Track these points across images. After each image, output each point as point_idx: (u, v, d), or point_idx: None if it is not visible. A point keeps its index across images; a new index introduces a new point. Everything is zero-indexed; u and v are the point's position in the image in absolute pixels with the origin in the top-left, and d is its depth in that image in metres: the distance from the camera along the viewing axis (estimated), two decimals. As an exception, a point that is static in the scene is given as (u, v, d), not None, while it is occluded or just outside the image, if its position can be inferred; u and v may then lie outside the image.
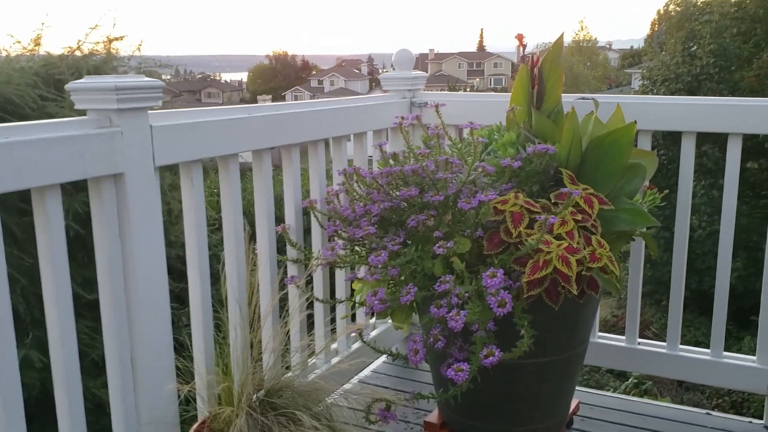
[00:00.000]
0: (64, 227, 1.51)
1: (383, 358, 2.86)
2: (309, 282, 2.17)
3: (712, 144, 12.04)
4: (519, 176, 1.91)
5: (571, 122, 1.90)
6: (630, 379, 7.62)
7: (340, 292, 2.35)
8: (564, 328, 1.97)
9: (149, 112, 1.63)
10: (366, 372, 2.66)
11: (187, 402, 1.86)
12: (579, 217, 1.82)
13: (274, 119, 2.00)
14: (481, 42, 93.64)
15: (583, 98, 2.26)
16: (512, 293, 1.73)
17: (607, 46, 71.69)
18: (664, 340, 2.44)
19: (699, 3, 16.67)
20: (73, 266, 5.01)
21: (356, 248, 2.04)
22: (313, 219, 2.18)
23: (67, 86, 1.55)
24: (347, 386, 2.36)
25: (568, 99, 2.18)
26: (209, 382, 1.71)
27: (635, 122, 1.88)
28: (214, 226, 5.80)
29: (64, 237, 1.51)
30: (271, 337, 1.80)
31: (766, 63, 14.28)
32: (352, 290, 2.33)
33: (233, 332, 1.74)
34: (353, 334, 2.55)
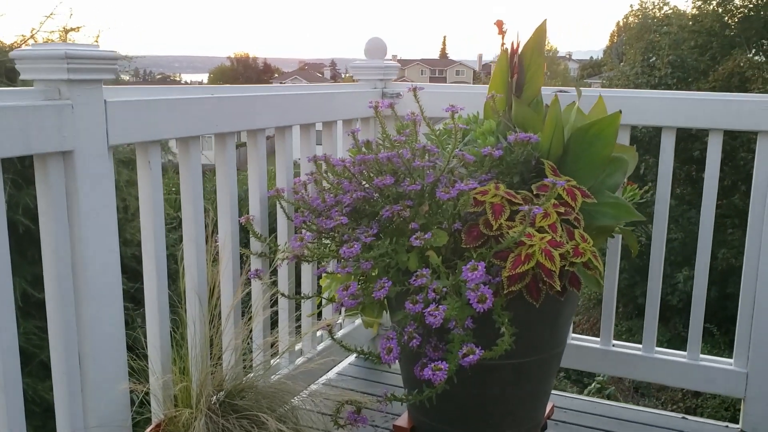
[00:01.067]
0: (3, 209, 1.35)
1: (350, 359, 2.74)
2: (274, 277, 2.04)
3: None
4: (499, 167, 1.82)
5: (554, 111, 1.82)
6: (593, 384, 7.61)
7: (306, 289, 2.23)
8: (544, 327, 1.88)
9: (103, 86, 1.49)
10: (332, 374, 2.54)
11: (142, 405, 1.72)
12: (561, 209, 1.73)
13: (239, 101, 1.87)
14: (443, 49, 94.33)
15: (561, 91, 2.18)
16: (491, 288, 1.64)
17: (567, 56, 72.89)
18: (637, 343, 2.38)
19: (658, 15, 16.99)
20: (23, 263, 4.76)
21: (325, 241, 1.92)
22: (279, 210, 2.06)
23: (13, 53, 1.41)
24: (313, 387, 2.23)
25: (546, 92, 2.09)
26: (165, 382, 1.57)
27: (620, 112, 1.80)
28: (172, 225, 5.61)
29: (4, 217, 1.36)
30: (233, 334, 1.67)
31: (722, 76, 14.63)
32: (319, 287, 2.21)
33: (192, 328, 1.60)
34: (319, 334, 2.43)
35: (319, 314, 2.46)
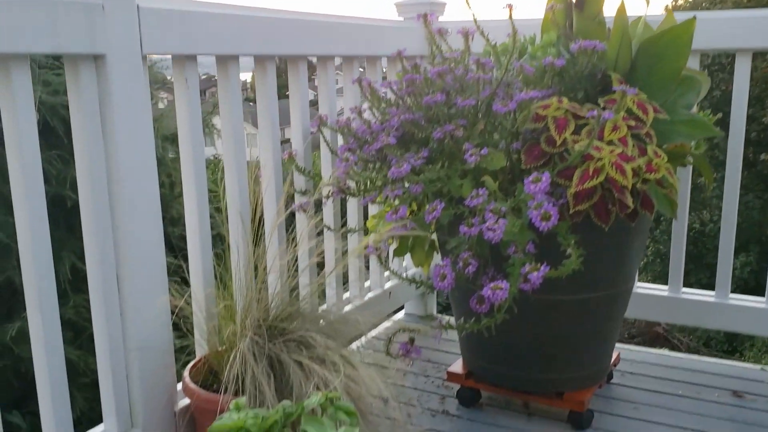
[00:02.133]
0: (34, 110, 1.27)
1: (399, 315, 2.63)
2: (319, 214, 1.93)
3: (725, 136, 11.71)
4: (561, 82, 1.67)
5: (621, 21, 1.67)
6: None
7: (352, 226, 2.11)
8: (612, 259, 1.73)
9: (137, -6, 1.40)
10: (378, 330, 2.42)
11: (183, 336, 1.64)
12: (632, 123, 1.58)
13: (284, 23, 1.76)
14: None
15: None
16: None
17: None
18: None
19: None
20: (72, 238, 4.76)
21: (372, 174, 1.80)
22: (322, 144, 1.95)
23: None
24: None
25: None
26: (208, 296, 1.47)
27: (694, 18, 1.64)
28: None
29: (34, 121, 1.27)
30: (277, 256, 1.56)
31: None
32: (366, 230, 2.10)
33: (235, 250, 1.50)
34: (367, 284, 2.32)
35: (367, 266, 2.35)
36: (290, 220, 1.87)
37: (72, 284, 4.84)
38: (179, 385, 1.59)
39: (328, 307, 1.73)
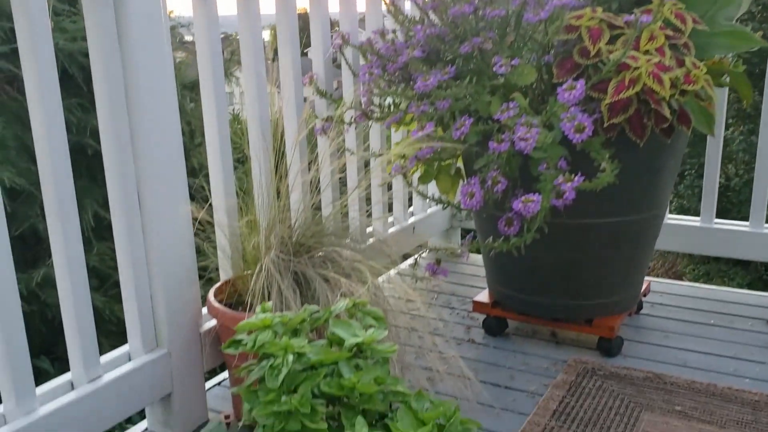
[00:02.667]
0: (53, 52, 1.21)
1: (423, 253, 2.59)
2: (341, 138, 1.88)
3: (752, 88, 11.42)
4: (594, -7, 1.59)
5: (658, -74, 1.57)
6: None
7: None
8: (644, 179, 1.67)
9: None
10: (400, 268, 2.39)
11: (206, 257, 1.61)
12: (669, 32, 1.51)
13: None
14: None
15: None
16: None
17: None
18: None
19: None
20: (94, 186, 4.77)
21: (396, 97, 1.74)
22: (344, 65, 1.89)
23: None
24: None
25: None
26: (229, 208, 1.44)
27: None
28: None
29: (54, 64, 1.21)
30: (299, 174, 1.52)
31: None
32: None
33: (257, 167, 1.46)
34: (390, 219, 2.28)
35: (391, 207, 2.30)
36: (312, 150, 1.83)
37: (95, 232, 4.86)
38: (204, 310, 1.58)
39: (352, 233, 1.70)
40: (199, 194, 1.56)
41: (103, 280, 4.86)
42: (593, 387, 1.67)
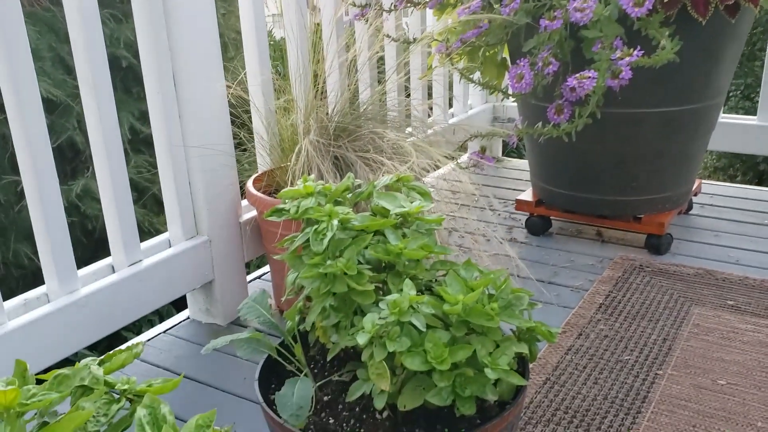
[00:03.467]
0: None
1: (462, 158, 2.53)
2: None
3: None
4: None
5: None
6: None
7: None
8: (703, 64, 1.57)
9: None
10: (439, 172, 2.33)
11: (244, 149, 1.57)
12: None
13: None
14: None
15: None
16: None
17: None
18: None
19: None
20: (129, 99, 4.73)
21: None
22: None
23: None
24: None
25: None
26: (265, 83, 1.38)
27: None
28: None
29: None
30: (336, 54, 1.45)
31: None
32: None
33: (292, 44, 1.39)
34: (430, 119, 2.21)
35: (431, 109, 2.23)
36: (350, 36, 1.75)
37: (131, 144, 4.88)
38: (244, 202, 1.55)
39: (392, 119, 1.63)
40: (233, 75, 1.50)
41: (141, 193, 4.90)
42: (641, 282, 1.62)
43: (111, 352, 0.67)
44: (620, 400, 1.23)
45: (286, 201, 0.95)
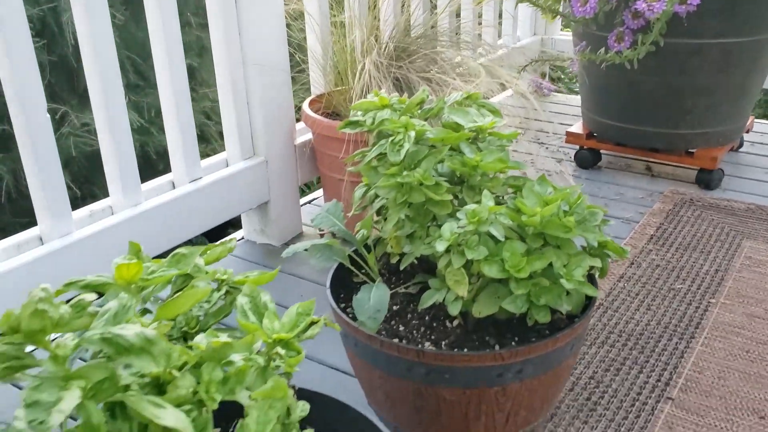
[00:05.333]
0: None
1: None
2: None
3: None
4: None
5: None
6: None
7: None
8: (772, -9, 1.53)
9: None
10: (498, 98, 2.31)
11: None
12: None
13: None
14: None
15: None
16: None
17: None
18: None
19: None
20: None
21: None
22: None
23: None
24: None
25: None
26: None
27: None
28: None
29: None
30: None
31: None
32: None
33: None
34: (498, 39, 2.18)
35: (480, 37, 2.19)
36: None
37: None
38: (298, 125, 1.56)
39: (449, 40, 1.62)
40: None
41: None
42: (692, 216, 1.62)
43: (205, 246, 0.69)
44: (673, 326, 1.24)
45: (358, 114, 0.95)
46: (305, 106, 1.50)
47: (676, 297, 1.33)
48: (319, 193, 1.75)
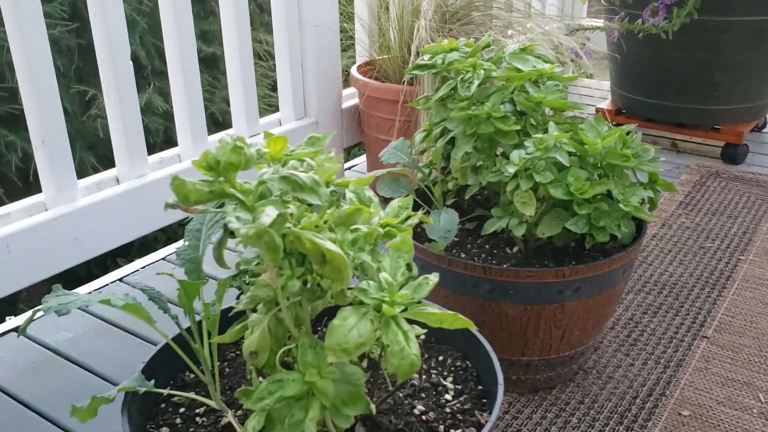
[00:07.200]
0: None
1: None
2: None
3: None
4: None
5: None
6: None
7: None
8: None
9: None
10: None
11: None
12: None
13: None
14: None
15: None
16: None
17: None
18: None
19: None
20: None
21: None
22: None
23: None
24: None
25: None
26: None
27: None
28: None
29: None
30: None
31: None
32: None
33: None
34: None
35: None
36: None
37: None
38: (346, 92, 1.64)
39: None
40: None
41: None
42: (718, 186, 1.69)
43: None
44: (705, 278, 1.32)
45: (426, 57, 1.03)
46: (353, 70, 1.58)
47: (706, 254, 1.40)
48: (359, 160, 1.83)
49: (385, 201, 0.79)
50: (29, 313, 0.63)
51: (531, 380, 1.01)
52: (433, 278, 0.55)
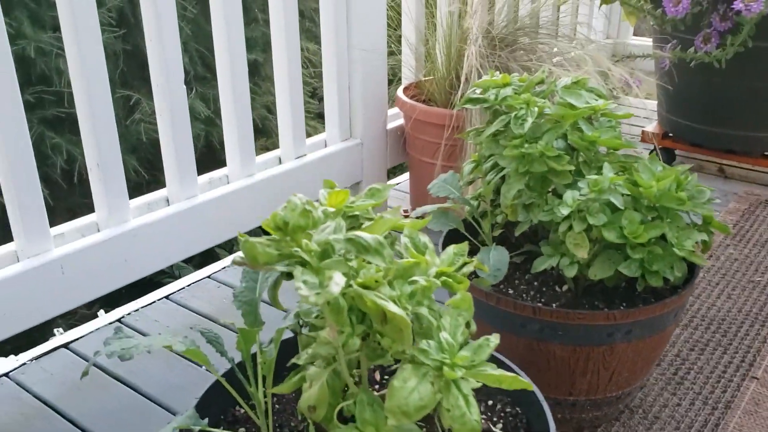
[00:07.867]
0: None
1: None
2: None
3: None
4: None
5: None
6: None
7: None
8: None
9: None
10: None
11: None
12: None
13: None
14: None
15: None
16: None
17: None
18: None
19: None
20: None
21: None
22: None
23: None
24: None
25: None
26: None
27: None
28: None
29: None
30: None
31: None
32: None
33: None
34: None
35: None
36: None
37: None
38: (390, 112, 1.64)
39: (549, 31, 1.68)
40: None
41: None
42: (768, 216, 1.66)
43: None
44: (755, 314, 1.29)
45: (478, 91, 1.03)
46: (399, 92, 1.58)
47: (755, 288, 1.37)
48: (402, 178, 1.83)
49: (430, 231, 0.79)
50: (90, 362, 0.64)
51: (576, 419, 1.00)
52: (494, 340, 0.55)
